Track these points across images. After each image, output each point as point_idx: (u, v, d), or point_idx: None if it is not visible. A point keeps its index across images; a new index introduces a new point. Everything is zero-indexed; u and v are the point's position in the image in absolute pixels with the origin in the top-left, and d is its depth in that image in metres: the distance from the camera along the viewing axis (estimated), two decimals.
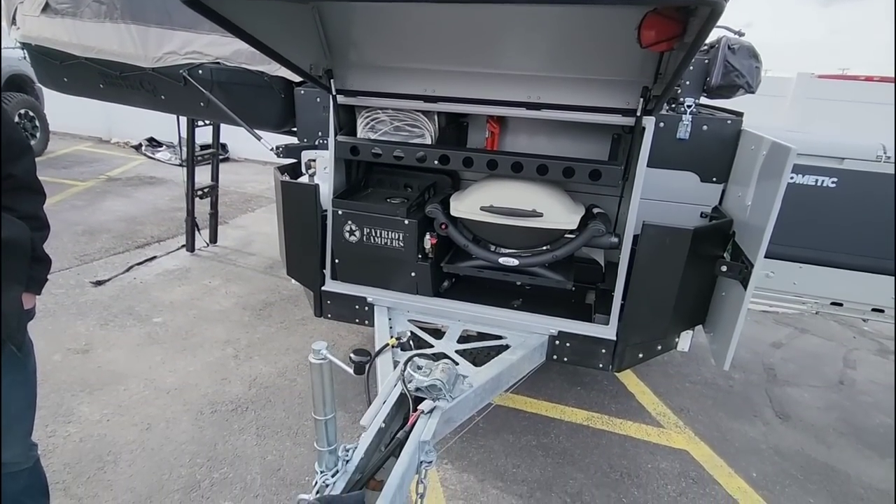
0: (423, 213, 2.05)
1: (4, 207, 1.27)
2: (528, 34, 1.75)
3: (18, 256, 1.29)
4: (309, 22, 1.79)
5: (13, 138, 1.30)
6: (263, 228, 5.46)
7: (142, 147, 8.30)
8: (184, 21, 2.38)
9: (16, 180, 1.31)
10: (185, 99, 2.55)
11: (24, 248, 1.31)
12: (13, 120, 1.32)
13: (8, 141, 1.28)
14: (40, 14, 2.57)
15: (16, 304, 1.31)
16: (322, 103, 2.35)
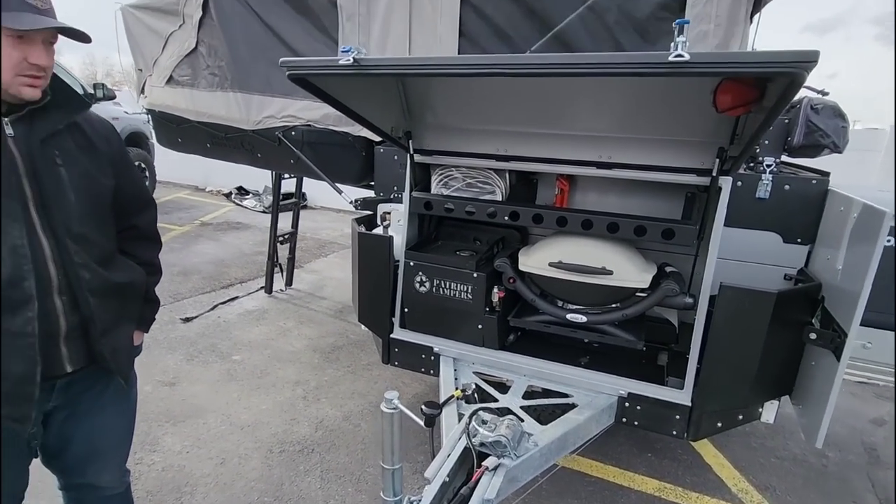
0: (492, 267, 2.10)
1: (126, 253, 1.44)
2: (599, 97, 1.81)
3: (133, 298, 1.45)
4: (392, 91, 1.97)
5: (140, 194, 1.51)
6: (335, 273, 5.73)
7: (231, 195, 9.11)
8: (282, 89, 2.67)
9: (139, 231, 1.50)
10: (278, 156, 2.84)
11: (139, 290, 1.47)
12: (141, 177, 1.53)
13: (136, 196, 1.48)
14: (165, 85, 3.01)
15: (127, 341, 1.45)
16: (399, 161, 2.52)
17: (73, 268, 1.22)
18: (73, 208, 1.23)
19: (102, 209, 1.33)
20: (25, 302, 1.15)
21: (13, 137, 1.15)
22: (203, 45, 2.87)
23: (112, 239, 1.38)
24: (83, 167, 1.27)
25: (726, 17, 1.87)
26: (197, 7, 2.78)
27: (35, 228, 1.17)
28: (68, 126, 1.26)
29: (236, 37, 2.73)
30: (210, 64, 2.86)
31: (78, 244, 1.23)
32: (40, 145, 1.18)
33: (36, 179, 1.17)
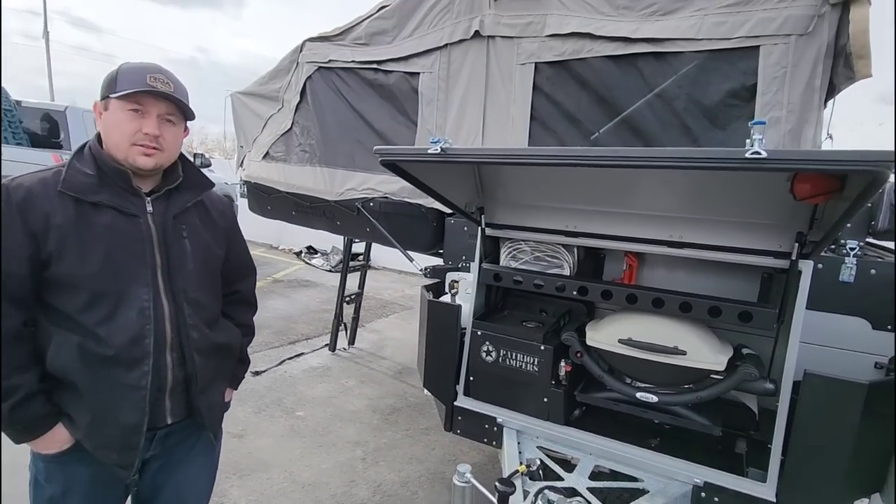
0: (559, 340, 2.12)
1: (227, 315, 1.59)
2: (669, 180, 1.87)
3: (230, 357, 1.58)
4: (469, 171, 2.12)
5: (245, 262, 1.68)
6: (395, 334, 5.85)
7: (302, 254, 9.67)
8: (363, 165, 2.94)
9: (241, 295, 1.66)
10: (355, 224, 3.07)
11: (236, 350, 1.60)
12: (247, 247, 1.72)
13: (242, 265, 1.66)
14: (261, 160, 3.39)
15: (220, 397, 1.57)
16: (469, 232, 2.65)
17: (185, 328, 1.37)
18: (192, 275, 1.40)
19: (214, 276, 1.51)
20: (143, 358, 1.30)
21: (151, 213, 1.35)
22: (297, 125, 3.23)
23: (219, 302, 1.54)
24: (203, 240, 1.46)
25: (799, 103, 1.91)
26: (295, 94, 3.16)
27: (159, 292, 1.34)
28: (195, 203, 1.46)
29: (327, 119, 3.06)
30: (302, 142, 3.20)
31: (192, 307, 1.39)
32: (172, 221, 1.38)
33: (165, 250, 1.36)
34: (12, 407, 1.22)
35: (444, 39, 2.62)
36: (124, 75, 1.28)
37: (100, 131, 1.33)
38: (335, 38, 3.00)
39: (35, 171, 1.30)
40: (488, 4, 2.53)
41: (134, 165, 1.30)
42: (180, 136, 1.40)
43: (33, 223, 1.22)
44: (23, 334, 1.26)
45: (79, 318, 1.26)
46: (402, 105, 2.81)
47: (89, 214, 1.27)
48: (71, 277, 1.25)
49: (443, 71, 2.66)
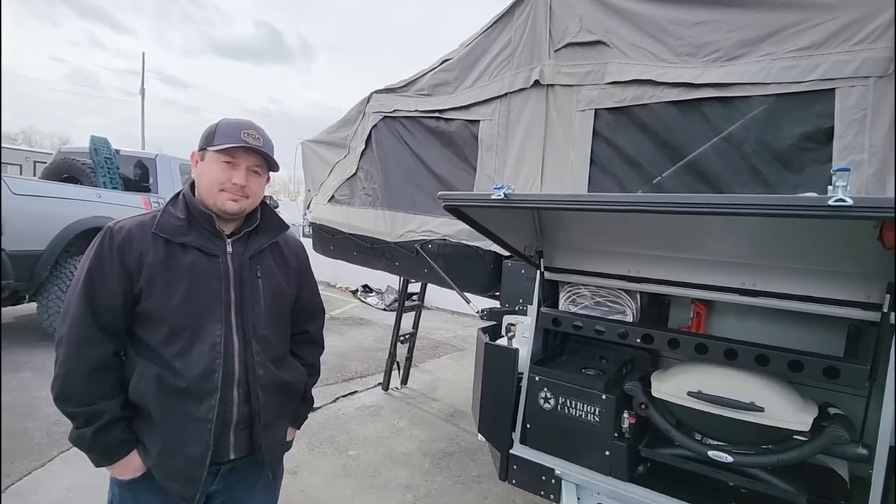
0: (622, 390, 2.03)
1: (294, 354, 1.64)
2: (741, 225, 1.80)
3: (294, 396, 1.62)
4: (528, 215, 2.14)
5: (315, 303, 1.75)
6: (447, 375, 5.80)
7: (357, 292, 9.91)
8: (423, 208, 3.03)
9: (308, 335, 1.72)
10: (413, 265, 3.14)
11: (300, 389, 1.64)
12: (317, 287, 1.79)
13: (312, 305, 1.73)
14: (327, 203, 3.59)
15: (282, 436, 1.59)
16: (526, 275, 2.64)
17: (252, 364, 1.43)
18: (262, 314, 1.48)
19: (284, 315, 1.58)
20: (212, 392, 1.36)
21: (230, 254, 1.45)
22: (362, 171, 3.41)
23: (286, 341, 1.60)
24: (276, 280, 1.54)
25: (882, 146, 1.81)
26: (361, 142, 3.36)
27: (231, 329, 1.42)
28: (271, 244, 1.56)
29: (389, 165, 3.22)
30: (365, 186, 3.37)
31: (260, 344, 1.45)
32: (248, 261, 1.48)
33: (239, 288, 1.44)
34: (95, 431, 1.31)
35: (504, 89, 2.72)
36: (222, 130, 1.41)
37: (194, 178, 1.47)
38: (400, 90, 3.19)
39: (136, 215, 1.45)
40: (548, 55, 2.61)
41: (222, 209, 1.42)
42: (263, 185, 1.51)
43: (129, 262, 1.34)
44: (113, 363, 1.37)
45: (160, 350, 1.35)
46: (462, 151, 2.91)
47: (177, 254, 1.38)
48: (156, 311, 1.35)
49: (502, 118, 2.75)
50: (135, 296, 1.35)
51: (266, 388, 1.46)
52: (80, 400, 1.30)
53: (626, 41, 2.35)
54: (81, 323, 1.31)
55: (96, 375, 1.32)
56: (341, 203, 3.50)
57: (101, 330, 1.33)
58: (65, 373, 1.30)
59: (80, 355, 1.30)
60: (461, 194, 1.84)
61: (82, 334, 1.31)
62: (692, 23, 2.21)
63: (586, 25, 2.45)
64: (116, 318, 1.35)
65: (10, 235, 4.59)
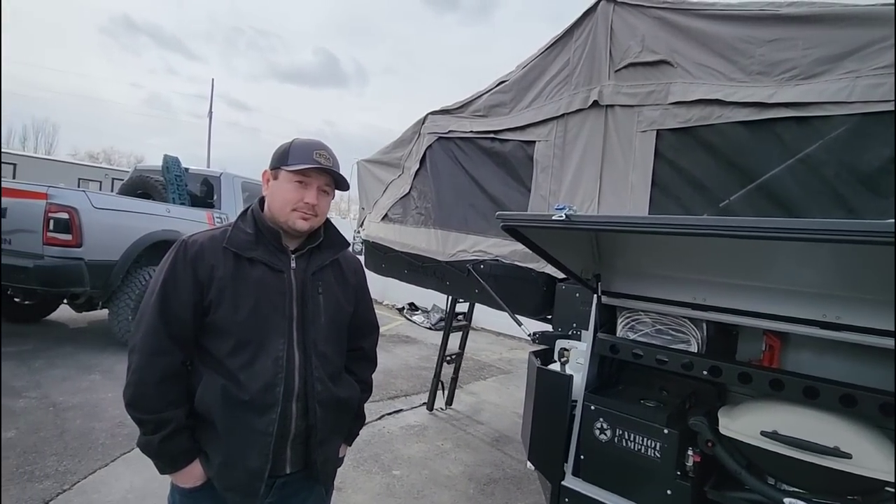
0: (686, 425, 1.91)
1: (348, 371, 1.65)
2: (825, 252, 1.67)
3: (348, 412, 1.62)
4: (585, 237, 2.09)
5: (370, 320, 1.76)
6: (493, 398, 5.70)
7: (404, 310, 9.98)
8: (476, 228, 3.03)
9: (363, 352, 1.73)
10: (464, 285, 3.13)
11: (354, 406, 1.64)
12: (373, 305, 1.81)
13: (367, 321, 1.74)
14: (380, 221, 3.65)
15: (335, 453, 1.60)
16: (580, 298, 2.57)
17: (311, 380, 1.45)
18: (322, 329, 1.49)
19: (342, 331, 1.60)
20: (273, 405, 1.38)
21: (294, 269, 1.49)
22: (415, 190, 3.46)
23: (343, 357, 1.61)
24: (335, 296, 1.56)
25: None
26: (416, 161, 3.41)
27: (293, 343, 1.44)
28: (332, 261, 1.59)
29: (443, 184, 3.24)
30: (419, 205, 3.41)
31: (319, 359, 1.47)
32: (311, 277, 1.51)
33: (301, 304, 1.47)
34: (162, 439, 1.34)
35: (561, 109, 2.69)
36: (295, 151, 1.46)
37: (265, 196, 1.52)
38: (455, 111, 3.22)
39: (208, 229, 1.51)
40: (608, 75, 2.57)
41: (292, 227, 1.46)
42: (329, 204, 1.56)
43: (201, 274, 1.39)
44: (181, 372, 1.42)
45: (225, 362, 1.39)
46: (517, 171, 2.89)
47: (245, 268, 1.42)
48: (224, 324, 1.39)
49: (559, 139, 2.72)
50: (204, 307, 1.40)
51: (323, 404, 1.47)
52: (149, 407, 1.35)
53: (691, 60, 2.28)
54: (154, 332, 1.36)
55: (165, 384, 1.36)
56: (394, 221, 3.56)
57: (172, 339, 1.38)
58: (137, 380, 1.35)
59: (151, 364, 1.35)
60: (520, 215, 1.81)
61: (155, 343, 1.36)
62: (764, 40, 2.11)
63: (649, 45, 2.40)
64: (186, 329, 1.40)
65: (89, 245, 4.94)
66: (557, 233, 1.88)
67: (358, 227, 3.95)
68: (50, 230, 4.74)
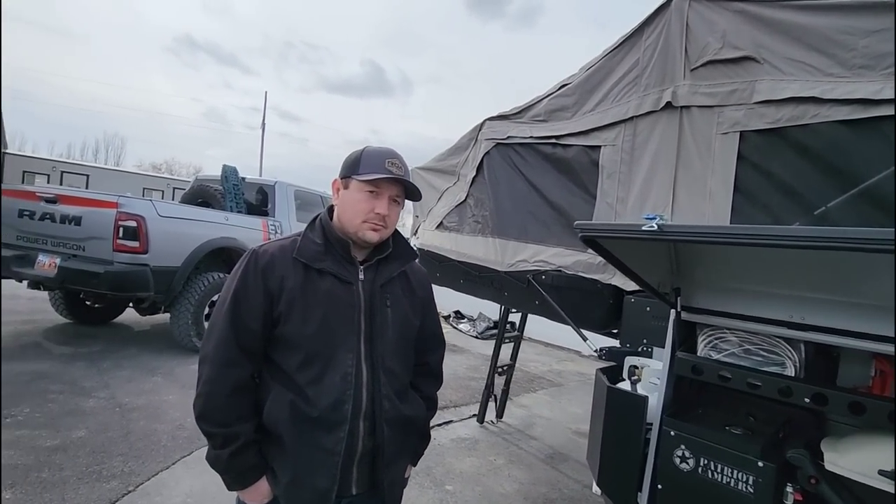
0: (784, 458, 1.71)
1: (413, 387, 1.57)
2: None
3: (413, 431, 1.54)
4: (663, 248, 1.93)
5: (436, 333, 1.68)
6: (544, 412, 5.51)
7: (450, 318, 9.90)
8: (535, 237, 2.91)
9: (429, 367, 1.65)
10: (523, 297, 3.00)
11: (419, 424, 1.56)
12: (439, 318, 1.73)
13: (433, 336, 1.66)
14: (435, 229, 3.59)
15: (401, 474, 1.53)
16: (652, 313, 2.40)
17: (378, 397, 1.38)
18: (390, 344, 1.43)
19: (408, 346, 1.53)
20: (341, 423, 1.32)
21: (362, 281, 1.43)
22: (472, 197, 3.38)
23: (409, 373, 1.54)
24: (403, 309, 1.49)
25: None
26: (472, 168, 3.33)
27: (361, 358, 1.38)
28: (399, 273, 1.52)
29: (501, 192, 3.15)
30: (475, 213, 3.32)
31: (387, 376, 1.41)
32: (379, 289, 1.44)
33: (370, 317, 1.41)
34: (231, 454, 1.31)
35: (629, 112, 2.55)
36: (367, 159, 1.41)
37: (335, 205, 1.47)
38: (514, 117, 3.13)
39: (278, 238, 1.48)
40: (682, 75, 2.41)
41: (363, 239, 1.41)
42: (399, 215, 1.50)
43: (271, 285, 1.36)
44: (250, 385, 1.39)
45: (294, 376, 1.34)
46: (581, 178, 2.76)
47: (314, 279, 1.38)
48: (293, 336, 1.35)
49: (627, 143, 2.57)
50: (274, 319, 1.37)
51: (390, 422, 1.41)
52: (218, 420, 1.32)
53: (780, 55, 2.09)
54: (226, 343, 1.34)
55: (235, 397, 1.34)
56: (449, 230, 3.49)
57: (242, 351, 1.35)
58: (207, 392, 1.33)
59: (221, 375, 1.33)
60: (603, 225, 1.69)
61: (226, 354, 1.33)
62: (868, 31, 1.90)
63: (730, 41, 2.22)
64: (256, 340, 1.36)
65: (154, 252, 5.16)
66: (635, 244, 1.74)
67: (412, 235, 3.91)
68: (119, 237, 4.98)
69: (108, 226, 4.99)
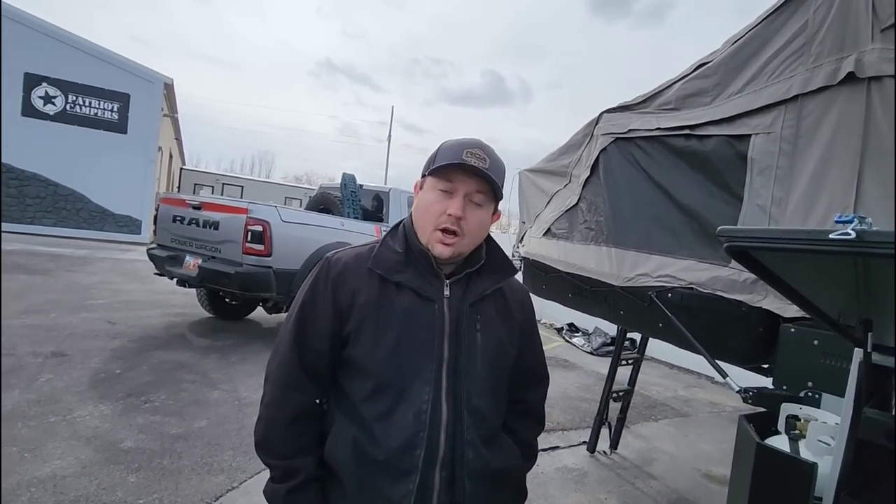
0: None
1: (507, 429, 1.29)
2: None
3: (503, 488, 1.26)
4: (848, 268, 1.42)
5: (538, 366, 1.38)
6: (667, 446, 4.83)
7: (563, 331, 9.35)
8: (661, 247, 2.44)
9: (527, 406, 1.36)
10: (644, 317, 2.55)
11: (513, 478, 1.29)
12: (542, 347, 1.43)
13: (534, 368, 1.36)
14: (542, 237, 3.26)
15: None
16: (821, 348, 1.84)
17: (461, 443, 1.13)
18: (478, 377, 1.17)
19: (501, 381, 1.25)
20: (410, 472, 1.10)
21: (447, 298, 1.18)
22: (584, 201, 2.99)
23: (501, 415, 1.27)
24: (497, 334, 1.22)
25: None
26: (586, 168, 2.95)
27: (440, 393, 1.13)
28: (494, 291, 1.24)
29: (619, 193, 2.72)
30: (588, 219, 2.93)
31: (472, 418, 1.15)
32: (468, 309, 1.18)
33: (455, 342, 1.16)
34: (289, 490, 1.15)
35: (792, 90, 2.00)
36: (443, 151, 1.18)
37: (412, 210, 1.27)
38: (636, 107, 2.70)
39: (355, 245, 1.30)
40: (870, 37, 1.82)
41: (432, 252, 1.18)
42: (487, 221, 1.22)
43: (341, 299, 1.18)
44: (314, 413, 1.22)
45: (360, 408, 1.15)
46: (722, 175, 2.25)
47: (390, 294, 1.17)
48: (362, 361, 1.16)
49: (788, 130, 2.02)
50: (343, 339, 1.19)
51: (474, 476, 1.14)
52: (278, 452, 1.18)
53: None
54: (289, 363, 1.19)
55: (297, 426, 1.18)
56: (558, 237, 3.12)
57: (306, 373, 1.19)
58: (268, 417, 1.20)
59: (283, 400, 1.19)
60: (761, 231, 1.27)
61: (288, 376, 1.19)
62: None
63: None
64: (322, 363, 1.20)
65: (277, 255, 5.51)
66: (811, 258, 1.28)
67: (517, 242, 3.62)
68: (248, 241, 5.39)
69: (239, 230, 5.44)
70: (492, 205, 1.22)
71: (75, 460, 2.95)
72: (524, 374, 1.32)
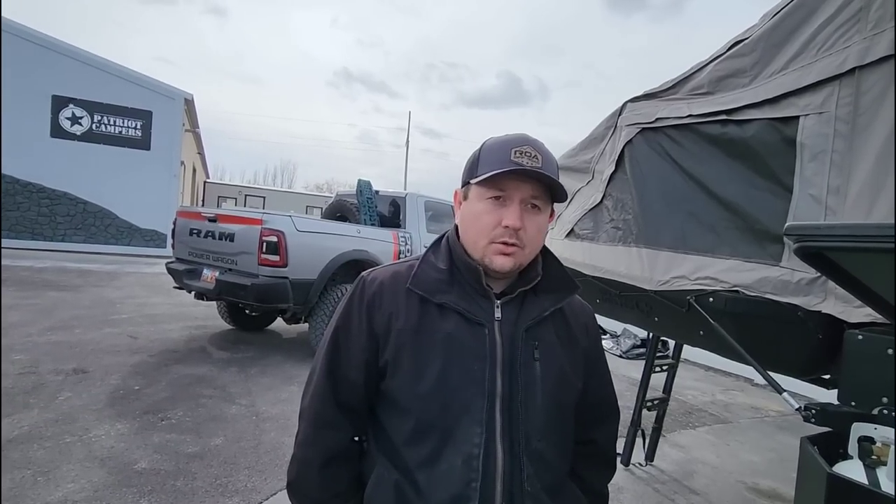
0: None
1: (574, 475, 1.11)
2: None
3: None
4: None
5: (607, 399, 1.19)
6: (708, 456, 4.53)
7: None
8: (698, 246, 2.20)
9: (596, 447, 1.17)
10: (682, 325, 2.30)
11: None
12: (610, 377, 1.23)
13: (603, 401, 1.17)
14: (564, 238, 3.04)
15: None
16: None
17: (520, 496, 0.95)
18: (538, 415, 0.99)
19: (565, 418, 1.07)
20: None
21: (499, 321, 1.01)
22: (610, 198, 2.77)
23: (567, 459, 1.08)
24: (558, 363, 1.04)
25: None
26: (610, 163, 2.73)
27: (495, 435, 0.96)
28: (554, 312, 1.06)
29: (648, 189, 2.49)
30: (614, 217, 2.70)
31: (533, 464, 0.97)
32: (524, 334, 1.01)
33: (509, 374, 0.99)
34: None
35: (847, 63, 1.75)
36: (486, 154, 1.02)
37: (457, 223, 1.11)
38: (664, 94, 2.46)
39: (393, 262, 1.15)
40: None
41: (490, 267, 1.01)
42: (545, 226, 1.06)
43: (377, 324, 1.03)
44: (351, 452, 1.07)
45: (402, 451, 0.99)
46: (766, 163, 2.00)
47: (433, 318, 1.02)
48: (401, 396, 1.00)
49: (843, 109, 1.77)
50: (379, 369, 1.04)
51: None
52: (311, 497, 1.04)
53: None
54: (322, 397, 1.06)
55: (331, 468, 1.04)
56: (582, 238, 2.90)
57: (341, 408, 1.05)
58: (301, 458, 1.06)
59: (316, 439, 1.05)
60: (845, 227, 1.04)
61: (321, 411, 1.06)
62: None
63: None
64: (357, 396, 1.06)
65: (293, 265, 5.42)
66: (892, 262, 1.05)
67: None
68: (263, 252, 5.31)
69: (254, 241, 5.36)
70: (549, 207, 1.05)
71: (88, 483, 2.87)
72: (591, 410, 1.14)
